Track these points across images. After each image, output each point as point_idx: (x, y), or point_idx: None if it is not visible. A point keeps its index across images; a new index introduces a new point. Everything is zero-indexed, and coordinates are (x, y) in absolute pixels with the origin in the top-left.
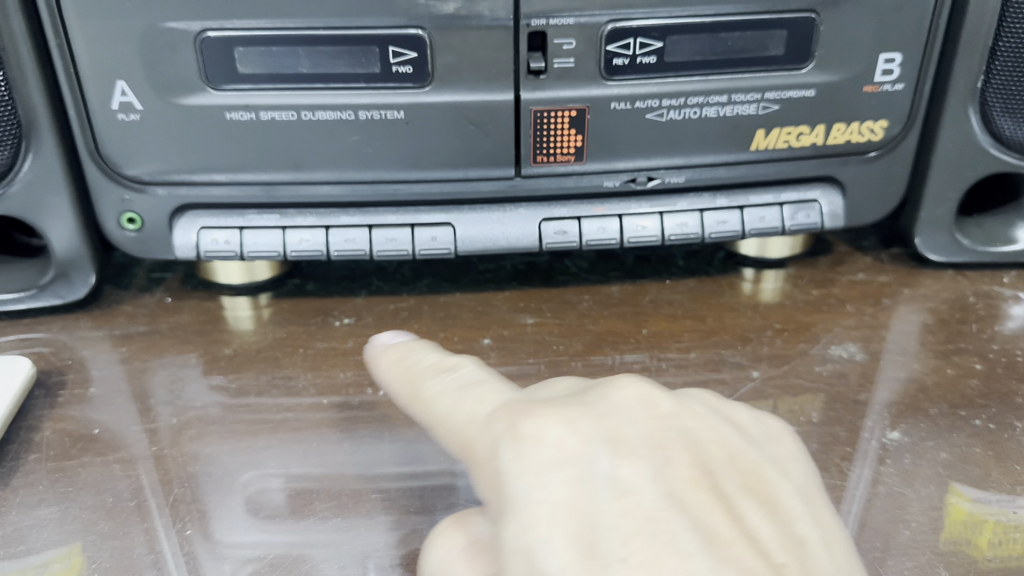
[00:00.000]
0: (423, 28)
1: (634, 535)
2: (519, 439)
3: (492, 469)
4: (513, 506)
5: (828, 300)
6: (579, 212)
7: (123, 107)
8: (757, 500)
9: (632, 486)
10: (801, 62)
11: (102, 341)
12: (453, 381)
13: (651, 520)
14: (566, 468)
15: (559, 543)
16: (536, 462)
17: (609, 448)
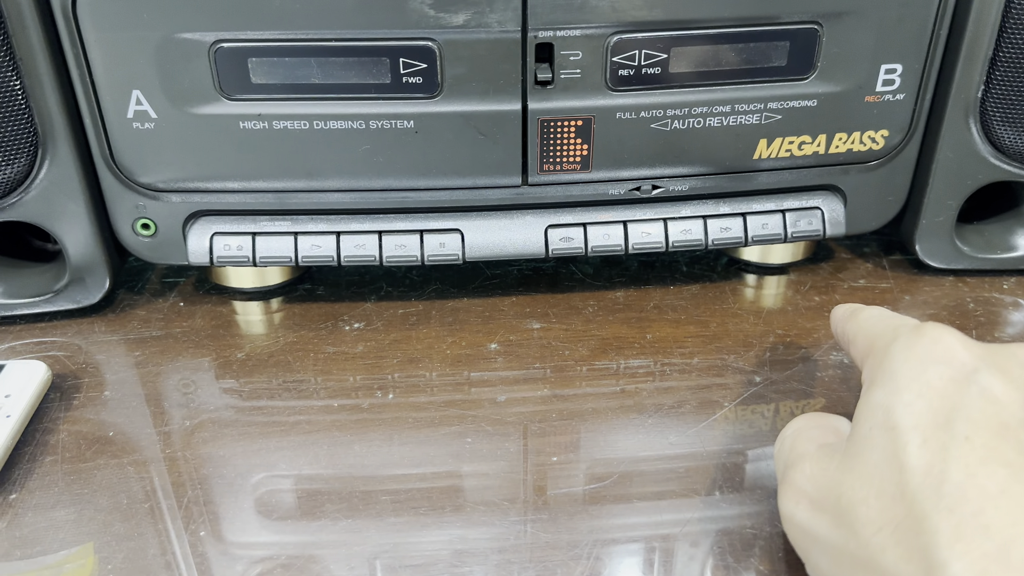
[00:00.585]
0: (433, 40)
1: (985, 427)
2: (918, 336)
3: (884, 351)
4: (890, 377)
5: (830, 306)
6: (585, 219)
7: (138, 116)
8: None
9: (999, 398)
10: (804, 73)
11: (116, 345)
12: (886, 314)
13: (1004, 426)
14: (947, 368)
15: (918, 409)
16: (923, 354)
17: (993, 369)
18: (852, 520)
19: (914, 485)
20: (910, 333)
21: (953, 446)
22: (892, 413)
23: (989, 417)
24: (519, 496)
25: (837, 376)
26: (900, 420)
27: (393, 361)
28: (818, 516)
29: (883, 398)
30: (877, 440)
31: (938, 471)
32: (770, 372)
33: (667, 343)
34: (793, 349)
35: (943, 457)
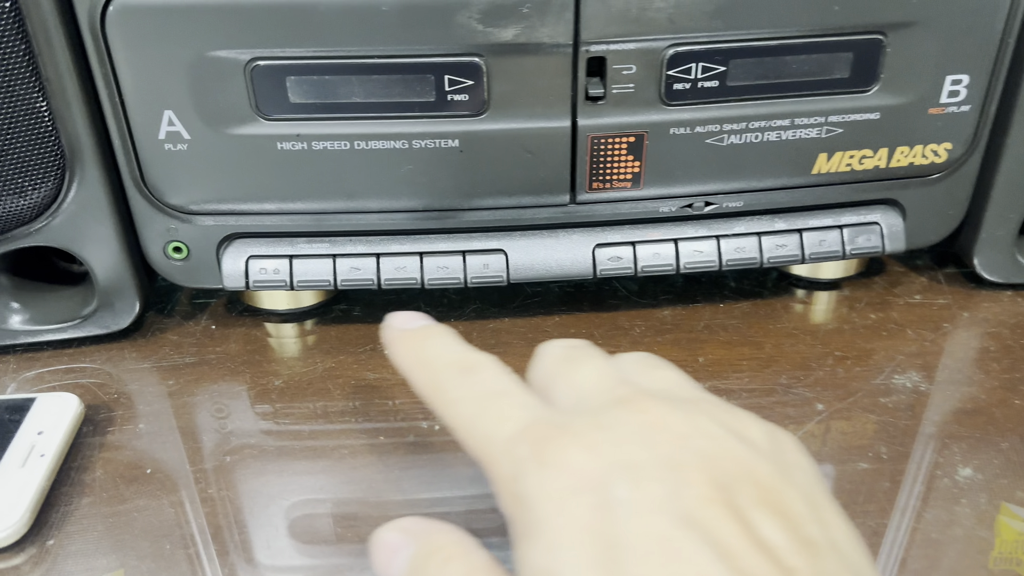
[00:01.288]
0: (480, 56)
1: (651, 553)
2: (543, 466)
3: (515, 491)
4: (537, 529)
5: (887, 325)
6: (634, 237)
7: (170, 137)
8: (768, 510)
9: (648, 508)
10: (866, 85)
11: (149, 373)
12: (474, 387)
13: (667, 539)
14: (587, 494)
15: (581, 563)
16: (558, 488)
17: (626, 473)
18: None
19: None
20: (534, 461)
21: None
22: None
23: (649, 538)
24: None
25: (901, 402)
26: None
27: None
28: None
29: (541, 558)
30: None
31: None
32: (832, 398)
33: (721, 367)
34: (854, 372)
35: None
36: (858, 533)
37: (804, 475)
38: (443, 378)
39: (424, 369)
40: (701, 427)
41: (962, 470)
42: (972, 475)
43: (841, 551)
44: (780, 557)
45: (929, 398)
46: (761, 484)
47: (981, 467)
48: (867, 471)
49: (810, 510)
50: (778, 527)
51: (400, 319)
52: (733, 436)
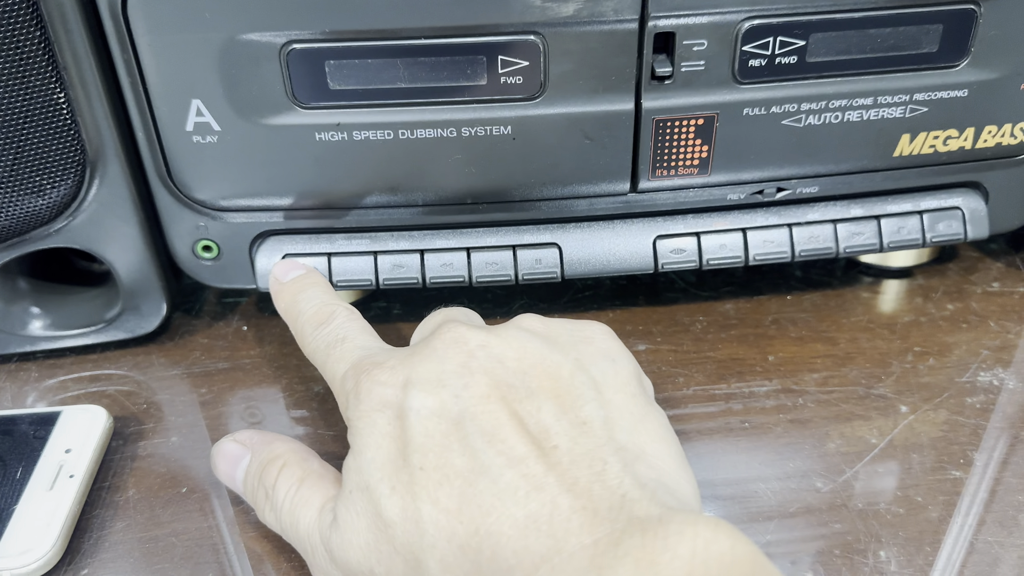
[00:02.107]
0: (538, 33)
1: (432, 447)
2: (358, 394)
3: (346, 417)
4: (354, 440)
5: (967, 316)
6: (698, 227)
7: (198, 128)
8: (547, 398)
9: (434, 411)
10: (956, 59)
11: (179, 380)
12: (324, 337)
13: (446, 434)
14: (387, 409)
15: (379, 461)
16: (366, 409)
17: (417, 386)
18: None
19: (400, 536)
20: (353, 392)
21: (414, 482)
22: (361, 472)
23: (431, 434)
24: None
25: (990, 402)
26: (369, 477)
27: None
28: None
29: (353, 460)
30: (359, 503)
31: (412, 512)
32: (918, 400)
33: (794, 365)
34: (937, 370)
35: (412, 496)
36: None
37: (605, 363)
38: (305, 331)
39: (293, 322)
40: (501, 335)
41: None
42: None
43: (612, 428)
44: (543, 438)
45: (1019, 397)
46: (546, 375)
47: None
48: (960, 479)
49: (595, 394)
50: (552, 412)
51: (280, 268)
52: (532, 337)
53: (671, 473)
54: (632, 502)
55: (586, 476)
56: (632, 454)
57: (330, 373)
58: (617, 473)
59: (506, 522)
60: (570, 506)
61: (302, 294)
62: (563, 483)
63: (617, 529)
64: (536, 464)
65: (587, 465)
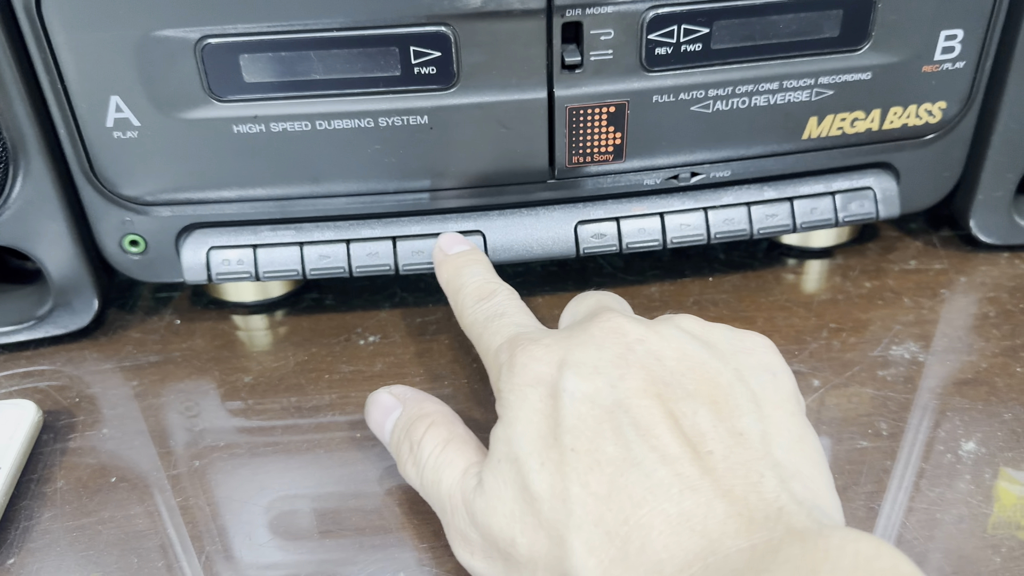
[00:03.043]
0: (448, 25)
1: (584, 431)
2: (512, 367)
3: (497, 389)
4: (504, 412)
5: (883, 293)
6: (617, 212)
7: (118, 124)
8: (704, 402)
9: (587, 396)
10: (857, 43)
11: (111, 374)
12: (484, 311)
13: (599, 420)
14: (540, 386)
15: (530, 435)
16: (520, 382)
17: (572, 369)
18: (516, 563)
19: (546, 511)
20: (507, 364)
21: (564, 461)
22: (511, 444)
23: (583, 418)
24: None
25: (900, 375)
26: (518, 449)
27: (416, 379)
28: (493, 564)
29: (502, 431)
30: (506, 473)
31: (560, 490)
32: (829, 373)
33: None
34: (850, 345)
35: (561, 475)
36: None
37: (765, 376)
38: (466, 303)
39: (455, 294)
40: (660, 332)
41: (965, 444)
42: (975, 449)
43: (770, 444)
44: (699, 442)
45: (928, 369)
46: (704, 380)
47: (984, 440)
48: (867, 449)
49: (754, 407)
50: (708, 417)
51: (445, 241)
52: (692, 339)
53: (824, 496)
54: (790, 515)
55: (742, 485)
56: (788, 472)
57: (485, 345)
58: (774, 487)
59: (658, 516)
60: (725, 511)
61: (466, 268)
62: (718, 489)
63: (775, 537)
64: (690, 466)
65: (743, 475)
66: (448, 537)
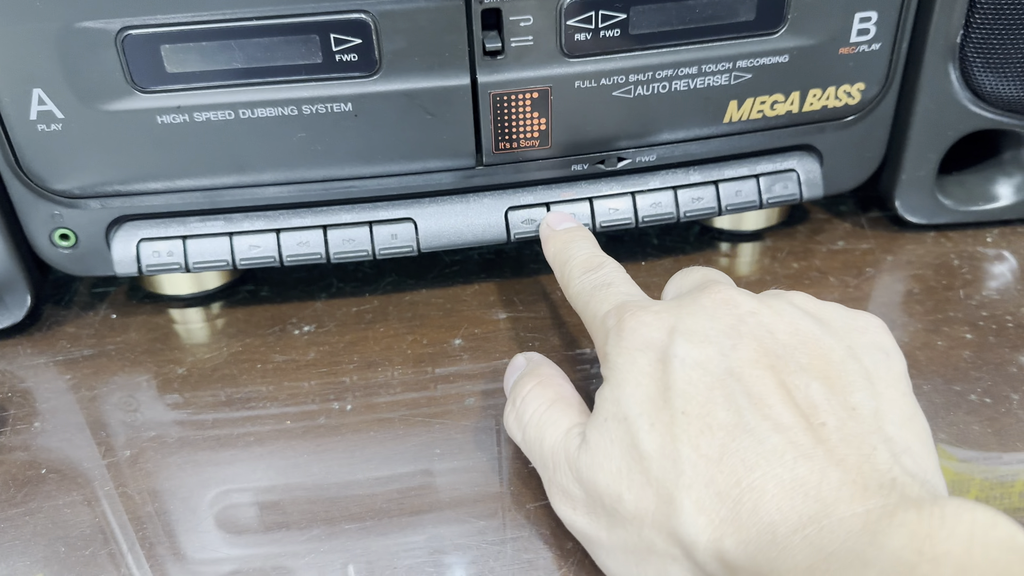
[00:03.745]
0: (366, 12)
1: (695, 395)
2: (620, 331)
3: (603, 352)
4: (612, 374)
5: (809, 273)
6: (547, 198)
7: (42, 117)
8: (816, 376)
9: (698, 362)
10: (773, 27)
11: (45, 368)
12: (591, 281)
13: (710, 387)
14: (650, 351)
15: (639, 397)
16: (629, 346)
17: (684, 336)
18: (621, 519)
19: (655, 470)
20: (615, 329)
21: (675, 423)
22: (620, 404)
23: (695, 384)
24: (495, 512)
25: None
26: (628, 410)
27: (349, 366)
28: (595, 520)
29: (610, 392)
30: (614, 432)
31: (670, 450)
32: None
33: None
34: None
35: (671, 436)
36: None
37: (878, 354)
38: (573, 273)
39: (563, 266)
40: (772, 306)
41: None
42: None
43: (882, 420)
44: (811, 414)
45: None
46: (817, 355)
47: None
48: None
49: (866, 383)
50: (821, 391)
51: (554, 218)
52: (805, 315)
53: (933, 475)
54: (903, 485)
55: (855, 456)
56: (900, 447)
57: (591, 312)
58: (886, 460)
59: (771, 481)
60: (839, 479)
61: (573, 243)
62: (831, 458)
63: (890, 503)
64: (803, 435)
65: (856, 447)
66: (548, 493)
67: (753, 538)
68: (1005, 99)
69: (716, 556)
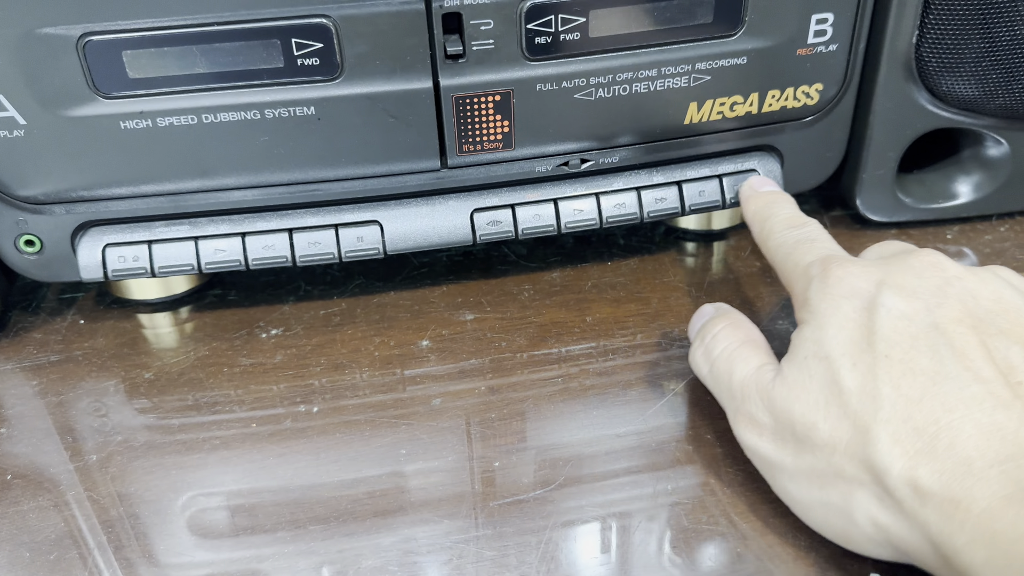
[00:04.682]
0: (327, 16)
1: (899, 342)
2: (826, 279)
3: (805, 297)
4: (813, 315)
5: (771, 271)
6: (512, 200)
7: (4, 123)
8: (1017, 341)
9: (904, 314)
10: (731, 29)
11: (11, 374)
12: (795, 235)
13: (915, 337)
14: (856, 299)
15: (842, 339)
16: (835, 293)
17: (892, 289)
18: (812, 446)
19: (854, 404)
20: (819, 276)
21: (877, 365)
22: (822, 344)
23: (900, 332)
24: (462, 511)
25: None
26: (830, 350)
27: (316, 369)
28: (782, 446)
29: (811, 333)
30: (814, 369)
31: (870, 388)
32: None
33: (608, 324)
34: None
35: (872, 376)
36: None
37: None
38: (775, 228)
39: (764, 222)
40: (976, 273)
41: None
42: None
43: None
44: (1009, 373)
45: None
46: (1017, 322)
47: None
48: None
49: None
50: (1020, 354)
51: (757, 181)
52: (1008, 286)
53: None
54: None
55: None
56: None
57: (793, 262)
58: None
59: (968, 423)
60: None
61: (775, 204)
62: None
63: None
64: (1002, 389)
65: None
66: (733, 422)
67: (948, 469)
68: (961, 98)
69: (908, 482)
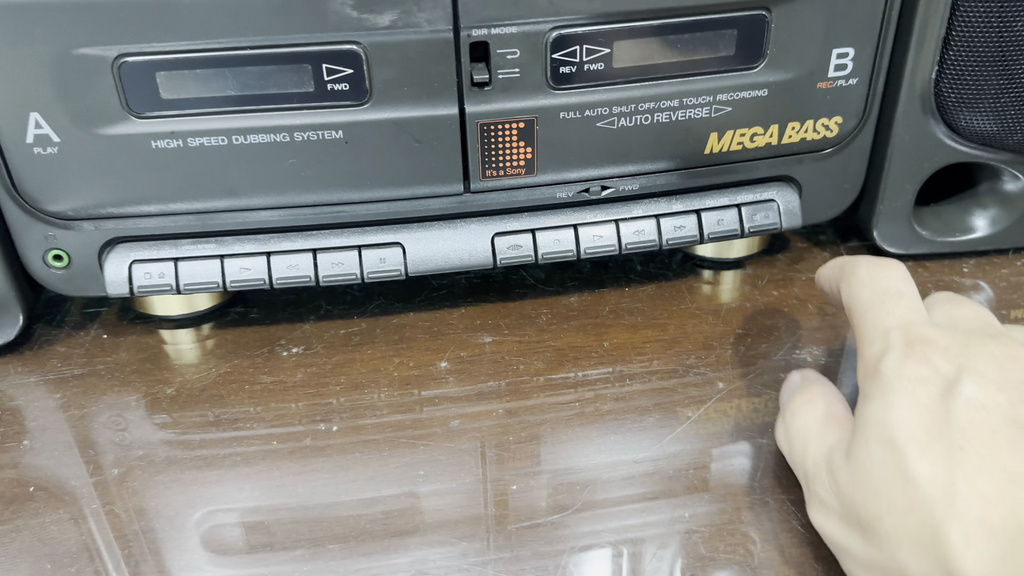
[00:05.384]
0: (358, 43)
1: (975, 435)
2: (906, 355)
3: (875, 367)
4: (882, 392)
5: (789, 301)
6: (532, 225)
7: (38, 140)
8: None
9: (984, 405)
10: (753, 62)
11: (35, 387)
12: (881, 282)
13: (994, 430)
14: (933, 385)
15: (912, 423)
16: (912, 375)
17: (974, 377)
18: (876, 536)
19: (922, 497)
20: (899, 350)
21: (951, 457)
22: (887, 427)
23: (977, 425)
24: (478, 534)
25: None
26: (895, 433)
27: (336, 388)
28: (848, 532)
29: (876, 412)
30: (876, 453)
31: (943, 482)
32: (732, 376)
33: (625, 350)
34: (754, 349)
35: (946, 468)
36: None
37: None
38: (855, 266)
39: (846, 264)
40: None
41: None
42: None
43: None
44: None
45: (827, 370)
46: None
47: None
48: (763, 444)
49: None
50: None
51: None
52: None
53: None
54: None
55: None
56: None
57: (872, 317)
58: None
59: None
60: None
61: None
62: None
63: None
64: None
65: None
66: (807, 501)
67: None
68: (979, 133)
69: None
